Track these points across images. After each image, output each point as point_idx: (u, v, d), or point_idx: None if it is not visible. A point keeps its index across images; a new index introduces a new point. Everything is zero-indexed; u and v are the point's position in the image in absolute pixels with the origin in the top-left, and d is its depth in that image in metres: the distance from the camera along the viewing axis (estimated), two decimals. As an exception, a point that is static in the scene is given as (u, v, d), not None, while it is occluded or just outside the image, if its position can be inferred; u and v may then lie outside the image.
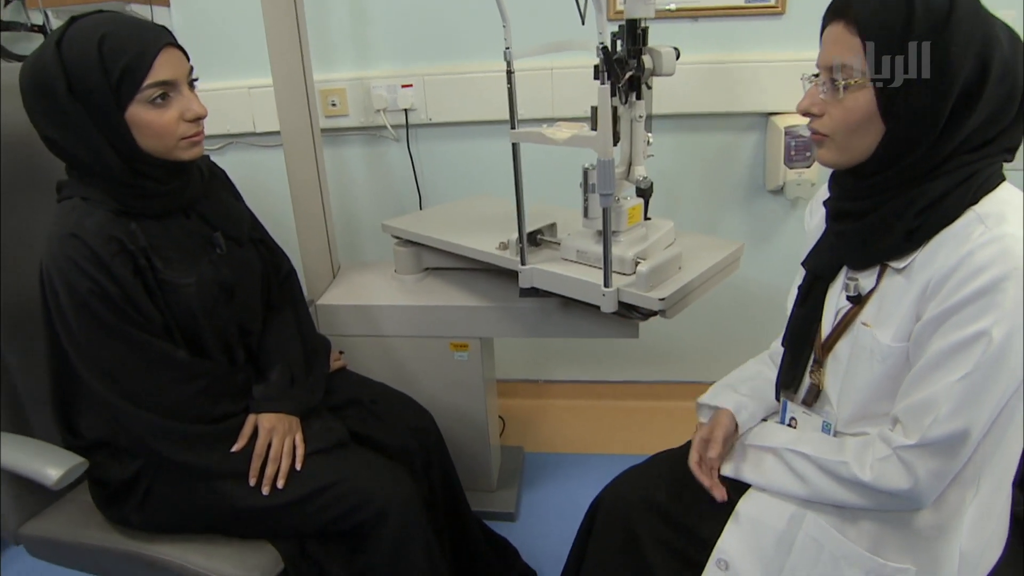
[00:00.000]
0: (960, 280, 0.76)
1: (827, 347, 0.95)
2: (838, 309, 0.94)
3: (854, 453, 0.87)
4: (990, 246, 0.75)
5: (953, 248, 0.78)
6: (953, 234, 0.80)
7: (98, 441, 1.08)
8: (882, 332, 0.86)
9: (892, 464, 0.83)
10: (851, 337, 0.91)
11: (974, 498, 0.86)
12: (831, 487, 0.89)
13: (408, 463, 1.23)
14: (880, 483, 0.83)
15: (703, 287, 1.29)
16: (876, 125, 0.81)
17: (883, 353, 0.86)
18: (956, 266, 0.77)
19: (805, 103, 0.87)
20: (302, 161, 1.55)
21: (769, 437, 0.99)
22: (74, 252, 0.95)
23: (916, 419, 0.81)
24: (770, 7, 1.68)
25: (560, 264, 1.31)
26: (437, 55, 1.82)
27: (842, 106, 0.82)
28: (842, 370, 0.93)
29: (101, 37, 0.93)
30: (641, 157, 1.23)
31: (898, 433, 0.83)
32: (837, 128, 0.83)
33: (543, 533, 1.68)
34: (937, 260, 0.80)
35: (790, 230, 1.90)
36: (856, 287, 0.90)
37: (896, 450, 0.82)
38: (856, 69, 0.79)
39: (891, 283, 0.86)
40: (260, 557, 1.07)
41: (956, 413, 0.78)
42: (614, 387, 2.17)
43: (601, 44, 1.02)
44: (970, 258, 0.76)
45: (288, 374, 1.17)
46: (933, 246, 0.81)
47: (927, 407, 0.79)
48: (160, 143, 1.00)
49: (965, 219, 0.79)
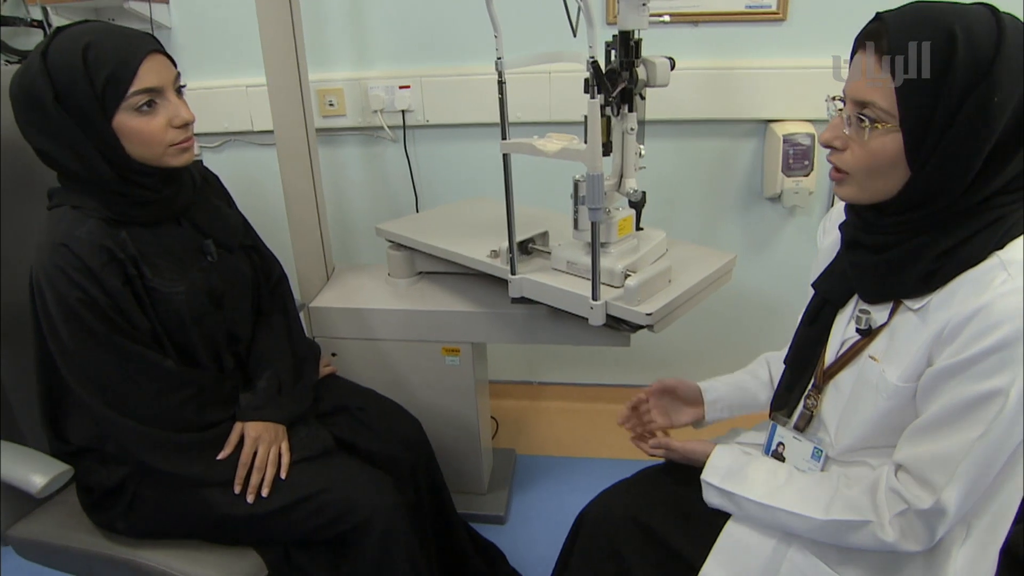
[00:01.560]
0: (978, 331, 0.73)
1: (829, 374, 0.93)
2: (845, 338, 0.92)
3: (872, 510, 0.82)
4: (1011, 297, 0.71)
5: (972, 293, 0.75)
6: (974, 278, 0.76)
7: (85, 447, 1.09)
8: (890, 370, 0.83)
9: (912, 524, 0.80)
10: (856, 369, 0.89)
11: (965, 539, 0.84)
12: (832, 539, 0.87)
13: (395, 471, 1.23)
14: (901, 546, 0.80)
15: (693, 300, 1.28)
16: (901, 169, 0.76)
17: (889, 391, 0.83)
18: (974, 314, 0.73)
19: (828, 135, 0.82)
20: (296, 161, 1.54)
21: (758, 484, 0.93)
22: (63, 262, 0.95)
23: (928, 474, 0.78)
24: (771, 13, 1.66)
25: (550, 274, 1.31)
26: (435, 56, 1.81)
27: (866, 147, 0.77)
28: (843, 400, 0.91)
29: (85, 46, 0.93)
30: (632, 169, 1.22)
31: (907, 484, 0.80)
32: (859, 168, 0.79)
33: (532, 538, 1.69)
34: (955, 304, 0.76)
35: (787, 238, 1.89)
36: (867, 320, 0.87)
37: (916, 512, 0.79)
38: (885, 110, 0.74)
39: (904, 320, 0.83)
40: (244, 564, 1.08)
41: (969, 472, 0.76)
42: (608, 390, 2.17)
43: (591, 58, 1.01)
44: (989, 308, 0.72)
45: (276, 382, 1.18)
46: (951, 288, 0.78)
47: (941, 464, 0.76)
48: (149, 150, 1.00)
49: (987, 264, 0.75)
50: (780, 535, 0.92)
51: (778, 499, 0.89)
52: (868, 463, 0.90)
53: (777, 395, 1.02)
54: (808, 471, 0.96)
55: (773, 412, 1.02)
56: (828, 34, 1.64)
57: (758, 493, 0.91)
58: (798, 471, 0.95)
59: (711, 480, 0.95)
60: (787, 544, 0.92)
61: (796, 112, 1.72)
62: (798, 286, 1.03)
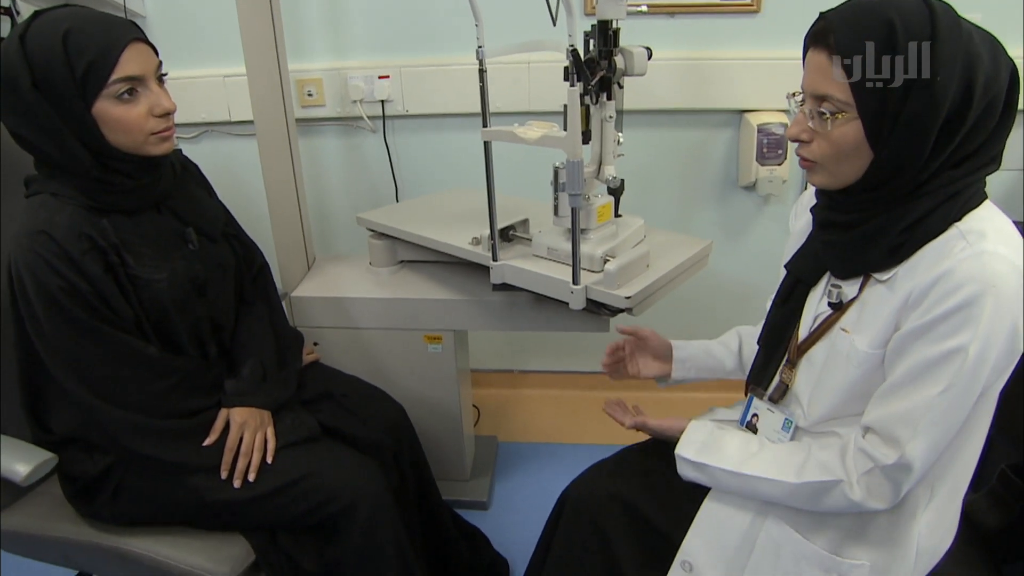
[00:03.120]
0: (940, 294, 0.78)
1: (802, 349, 0.97)
2: (818, 314, 0.96)
3: (842, 469, 0.86)
4: (970, 262, 0.77)
5: (935, 262, 0.80)
6: (936, 248, 0.81)
7: (69, 436, 1.08)
8: (860, 338, 0.87)
9: (878, 481, 0.84)
10: (828, 342, 0.93)
11: (929, 501, 0.89)
12: (806, 504, 0.90)
13: (379, 456, 1.24)
14: (867, 503, 0.84)
15: (670, 285, 1.31)
16: (865, 152, 0.81)
17: (859, 359, 0.87)
18: (936, 280, 0.78)
19: (794, 130, 0.87)
20: (276, 151, 1.54)
21: (730, 455, 0.96)
22: (44, 249, 0.95)
23: (893, 431, 0.82)
24: (746, 5, 1.70)
25: (531, 261, 1.33)
26: (415, 47, 1.81)
27: (830, 137, 0.82)
28: (816, 373, 0.94)
29: (65, 32, 0.93)
30: (611, 157, 1.24)
31: (874, 444, 0.84)
32: (826, 156, 0.84)
33: (515, 522, 1.71)
34: (919, 272, 0.81)
35: (761, 226, 1.93)
36: (839, 295, 0.92)
37: (881, 468, 0.83)
38: (842, 102, 0.79)
39: (873, 292, 0.88)
40: (231, 549, 1.09)
41: (933, 427, 0.80)
42: (588, 377, 2.20)
43: (571, 47, 1.02)
44: (950, 273, 0.77)
45: (260, 368, 1.18)
46: (916, 259, 0.83)
47: (905, 420, 0.81)
48: (129, 139, 1.00)
49: (948, 234, 0.81)
50: (756, 510, 0.96)
51: (751, 467, 0.93)
52: (837, 432, 0.93)
53: (753, 370, 1.06)
54: (777, 442, 1.00)
55: (751, 386, 1.06)
56: (801, 26, 1.61)
57: (731, 463, 0.94)
58: (769, 441, 0.98)
59: (685, 454, 0.98)
60: (763, 517, 0.95)
61: (770, 102, 1.75)
62: (773, 273, 1.06)
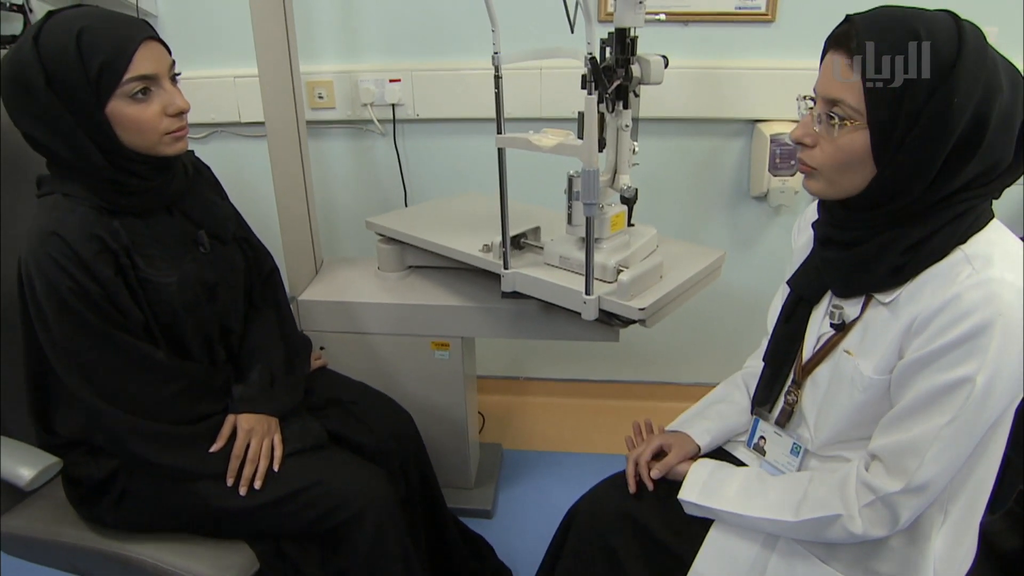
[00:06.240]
0: (946, 323, 0.76)
1: (807, 369, 0.96)
2: (821, 334, 0.94)
3: (841, 504, 0.85)
4: (976, 290, 0.75)
5: (940, 287, 0.78)
6: (940, 273, 0.79)
7: (74, 440, 1.07)
8: (864, 363, 0.86)
9: (878, 511, 0.83)
10: (832, 363, 0.92)
11: (943, 523, 0.87)
12: (809, 537, 0.90)
13: (386, 464, 1.23)
14: (870, 533, 0.84)
15: (684, 296, 1.30)
16: (868, 166, 0.79)
17: (864, 384, 0.86)
18: (942, 307, 0.77)
19: (799, 132, 0.84)
20: (286, 153, 1.53)
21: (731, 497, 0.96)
22: (55, 251, 0.94)
23: (899, 461, 0.81)
24: (760, 15, 1.69)
25: (543, 269, 1.31)
26: (426, 51, 1.80)
27: (835, 143, 0.80)
28: (821, 394, 0.93)
29: (79, 31, 0.92)
30: (626, 165, 1.23)
31: (877, 474, 0.83)
32: (827, 164, 0.82)
33: (519, 531, 1.70)
34: (923, 298, 0.79)
35: (773, 236, 1.92)
36: (841, 315, 0.91)
37: (882, 497, 0.82)
38: (853, 108, 0.77)
39: (876, 314, 0.86)
40: (236, 557, 1.08)
41: (940, 457, 0.78)
42: (594, 386, 2.19)
43: (589, 54, 1.01)
44: (956, 301, 0.76)
45: (268, 375, 1.17)
46: (919, 283, 0.81)
47: (911, 450, 0.79)
48: (143, 138, 0.99)
49: (953, 259, 0.79)
50: (763, 542, 0.95)
51: (751, 508, 0.93)
52: (845, 457, 0.92)
53: (759, 390, 1.04)
54: (787, 466, 0.99)
55: (756, 407, 1.05)
56: (816, 36, 1.61)
57: (732, 505, 0.95)
58: (771, 476, 0.98)
59: (688, 498, 0.99)
60: (773, 541, 0.94)
61: (783, 112, 1.74)
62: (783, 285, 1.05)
